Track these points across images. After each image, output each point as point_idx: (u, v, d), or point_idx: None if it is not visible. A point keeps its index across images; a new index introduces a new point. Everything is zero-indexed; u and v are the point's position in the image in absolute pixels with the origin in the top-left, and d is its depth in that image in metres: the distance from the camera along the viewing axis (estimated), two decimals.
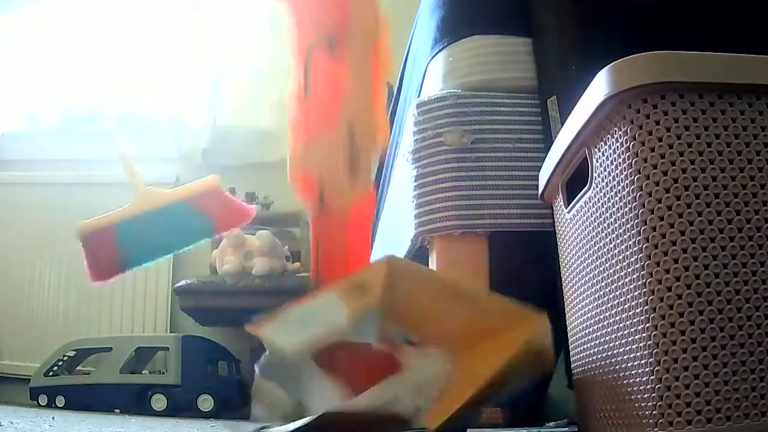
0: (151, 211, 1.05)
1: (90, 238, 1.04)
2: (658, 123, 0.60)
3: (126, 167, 1.09)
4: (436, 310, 0.73)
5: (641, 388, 0.59)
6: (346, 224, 0.90)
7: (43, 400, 2.21)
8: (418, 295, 0.73)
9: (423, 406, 0.68)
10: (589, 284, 0.72)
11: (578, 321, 0.77)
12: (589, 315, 0.73)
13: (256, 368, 0.77)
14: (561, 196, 0.82)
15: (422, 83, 1.17)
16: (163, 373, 2.22)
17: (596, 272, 0.70)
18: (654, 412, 0.57)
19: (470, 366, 0.69)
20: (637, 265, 0.60)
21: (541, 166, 0.87)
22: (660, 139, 0.59)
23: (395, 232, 1.26)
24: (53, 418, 1.59)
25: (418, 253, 1.10)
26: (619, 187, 0.63)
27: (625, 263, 0.62)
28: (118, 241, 1.04)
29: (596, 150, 0.68)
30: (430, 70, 1.12)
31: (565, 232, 0.81)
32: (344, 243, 0.90)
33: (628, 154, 0.61)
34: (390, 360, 0.70)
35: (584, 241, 0.73)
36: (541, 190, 0.88)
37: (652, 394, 0.57)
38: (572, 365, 0.80)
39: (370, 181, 0.92)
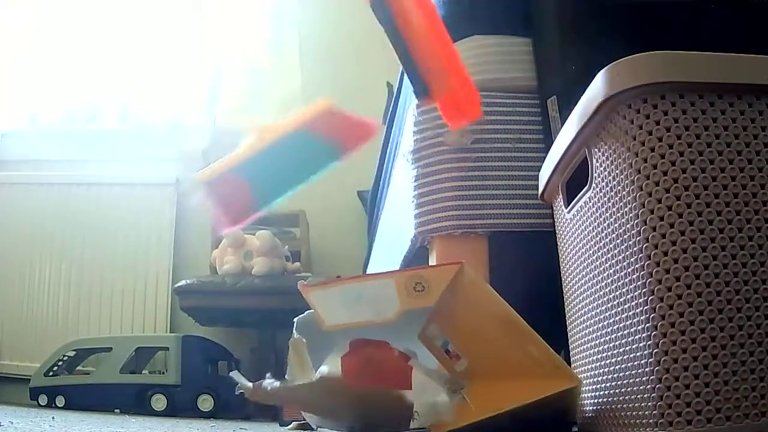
0: (270, 146, 1.02)
1: (214, 185, 1.01)
2: (658, 123, 0.60)
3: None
4: (484, 331, 0.73)
5: (641, 388, 0.59)
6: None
7: (43, 400, 2.21)
8: (473, 311, 0.74)
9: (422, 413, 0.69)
10: (589, 284, 0.72)
11: (578, 321, 0.77)
12: (589, 315, 0.73)
13: (295, 322, 0.77)
14: (561, 196, 0.82)
15: None
16: (163, 373, 2.22)
17: (596, 272, 0.70)
18: (654, 412, 0.57)
19: (488, 394, 0.69)
20: (637, 265, 0.60)
21: (541, 166, 0.87)
22: (660, 139, 0.59)
23: (395, 231, 1.26)
24: (53, 418, 1.58)
25: (418, 253, 1.10)
26: (619, 187, 0.63)
27: (625, 263, 0.62)
28: (244, 183, 1.01)
29: (596, 150, 0.68)
30: None
31: (565, 232, 0.81)
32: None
33: (628, 153, 0.61)
34: (403, 375, 0.70)
35: (584, 241, 0.73)
36: (541, 190, 0.88)
37: (652, 394, 0.57)
38: (572, 365, 0.80)
39: None
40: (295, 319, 0.78)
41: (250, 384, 0.76)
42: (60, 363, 2.28)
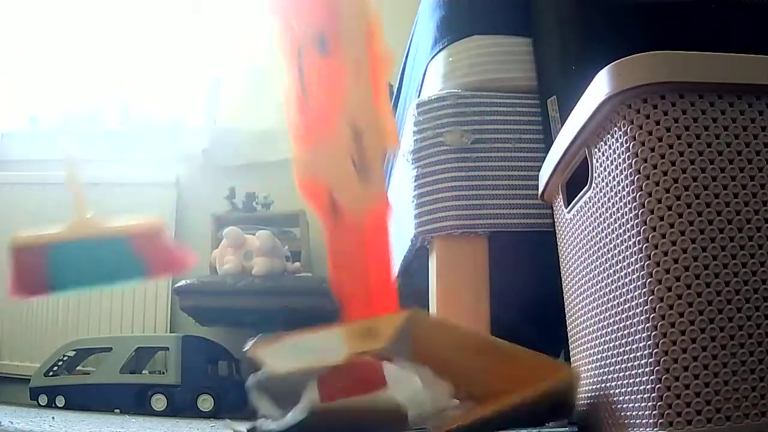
0: (88, 239, 1.02)
1: (21, 252, 0.98)
2: (658, 123, 0.60)
3: (70, 183, 1.04)
4: (464, 362, 0.74)
5: (641, 388, 0.59)
6: (362, 232, 0.86)
7: (43, 400, 2.21)
8: (443, 348, 0.75)
9: (420, 407, 0.69)
10: (589, 284, 0.72)
11: (578, 321, 0.77)
12: (589, 315, 0.73)
13: (249, 384, 0.77)
14: (561, 196, 0.82)
15: (422, 83, 1.17)
16: (163, 373, 2.22)
17: (596, 272, 0.70)
18: (654, 412, 0.56)
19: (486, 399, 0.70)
20: (637, 265, 0.60)
21: (541, 166, 0.87)
22: (660, 139, 0.59)
23: (395, 231, 1.26)
24: (53, 418, 1.58)
25: (418, 253, 1.10)
26: (619, 187, 0.63)
27: (625, 263, 0.62)
28: (48, 262, 1.01)
29: (596, 150, 0.68)
30: (430, 70, 1.12)
31: (565, 232, 0.81)
32: (362, 252, 0.86)
33: (628, 154, 0.61)
34: (375, 375, 0.70)
35: (584, 241, 0.73)
36: (541, 190, 0.88)
37: (652, 394, 0.57)
38: (572, 365, 0.80)
39: (383, 185, 0.88)
40: (248, 382, 0.78)
41: (244, 430, 0.76)
42: (60, 363, 2.28)
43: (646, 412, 0.58)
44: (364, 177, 0.84)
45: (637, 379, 0.60)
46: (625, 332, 0.62)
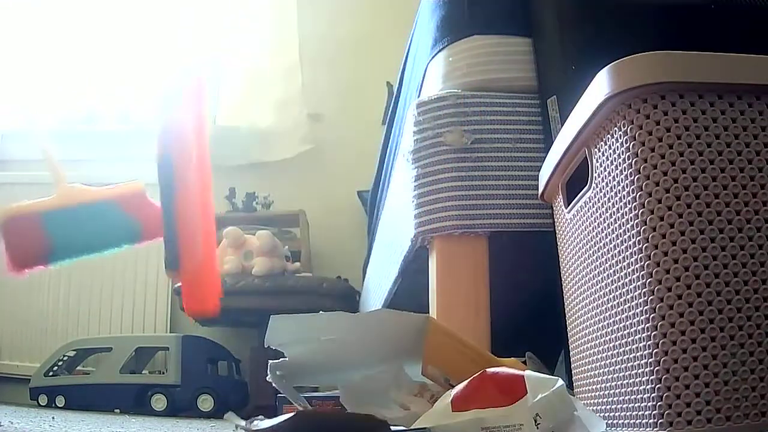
0: (81, 205, 1.01)
1: (13, 223, 0.95)
2: (658, 123, 0.60)
3: (47, 162, 1.01)
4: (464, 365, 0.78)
5: (641, 388, 0.59)
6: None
7: (43, 400, 2.21)
8: (452, 353, 0.81)
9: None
10: (589, 284, 0.72)
11: (578, 321, 0.77)
12: (589, 315, 0.73)
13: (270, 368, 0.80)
14: (561, 196, 0.82)
15: (422, 83, 1.16)
16: (163, 373, 2.22)
17: (596, 272, 0.70)
18: (654, 412, 0.57)
19: None
20: (637, 265, 0.60)
21: (541, 166, 0.87)
22: (660, 139, 0.59)
23: (395, 232, 1.26)
24: (53, 418, 1.59)
25: (418, 253, 1.10)
26: (619, 187, 0.63)
27: (625, 263, 0.62)
28: (44, 231, 0.97)
29: (596, 150, 0.68)
30: (430, 70, 1.12)
31: (565, 232, 0.81)
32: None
33: (628, 154, 0.61)
34: (515, 384, 0.72)
35: (584, 241, 0.73)
36: (541, 190, 0.88)
37: (652, 394, 0.57)
38: (572, 365, 0.80)
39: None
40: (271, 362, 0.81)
41: (243, 422, 0.78)
42: (60, 363, 2.28)
43: (646, 412, 0.58)
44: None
45: (637, 379, 0.60)
46: (625, 332, 0.62)
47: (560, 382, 0.64)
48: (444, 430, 0.65)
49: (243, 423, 0.71)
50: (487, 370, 0.68)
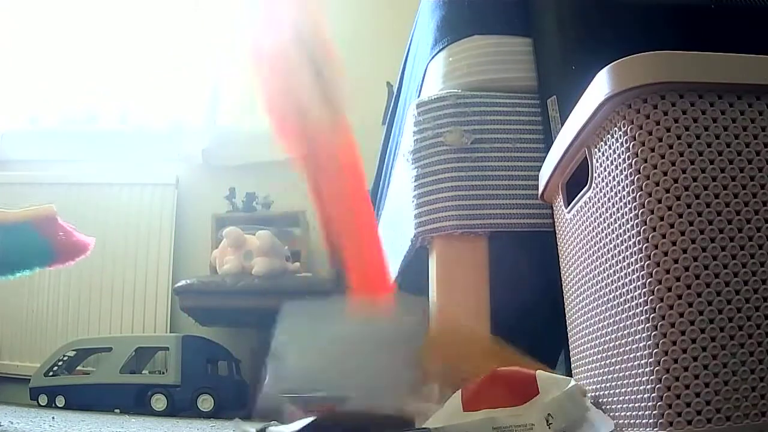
0: None
1: None
2: (658, 123, 0.60)
3: None
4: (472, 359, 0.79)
5: (641, 388, 0.59)
6: (339, 163, 0.90)
7: (43, 400, 2.21)
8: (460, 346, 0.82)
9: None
10: (589, 284, 0.72)
11: (578, 321, 0.77)
12: (589, 315, 0.73)
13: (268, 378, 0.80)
14: (561, 196, 0.82)
15: (422, 83, 1.17)
16: (163, 373, 2.22)
17: (596, 272, 0.70)
18: (654, 412, 0.57)
19: None
20: (637, 265, 0.60)
21: (541, 166, 0.87)
22: (660, 139, 0.59)
23: (395, 232, 1.26)
24: (53, 418, 1.59)
25: (418, 253, 1.10)
26: (619, 187, 0.63)
27: (625, 263, 0.62)
28: None
29: (596, 150, 0.68)
30: (430, 70, 1.12)
31: (565, 232, 0.81)
32: (342, 181, 0.90)
33: (628, 154, 0.61)
34: (527, 383, 0.72)
35: (584, 241, 0.73)
36: (541, 190, 0.88)
37: (652, 394, 0.57)
38: (572, 365, 0.80)
39: (345, 113, 0.92)
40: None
41: (253, 429, 0.78)
42: (60, 363, 2.28)
43: (646, 412, 0.58)
44: (330, 109, 0.87)
45: (637, 379, 0.60)
46: (625, 332, 0.62)
47: (572, 382, 0.64)
48: (455, 430, 0.65)
49: (253, 431, 0.71)
50: (498, 369, 0.68)
